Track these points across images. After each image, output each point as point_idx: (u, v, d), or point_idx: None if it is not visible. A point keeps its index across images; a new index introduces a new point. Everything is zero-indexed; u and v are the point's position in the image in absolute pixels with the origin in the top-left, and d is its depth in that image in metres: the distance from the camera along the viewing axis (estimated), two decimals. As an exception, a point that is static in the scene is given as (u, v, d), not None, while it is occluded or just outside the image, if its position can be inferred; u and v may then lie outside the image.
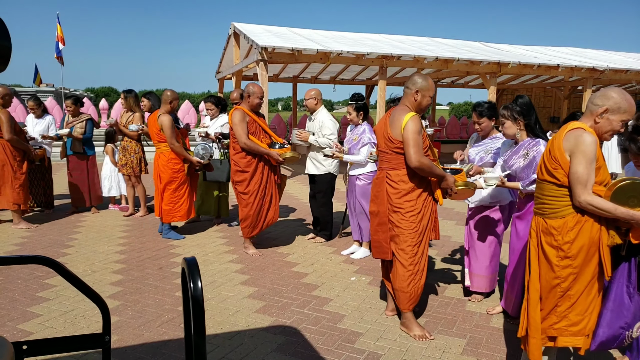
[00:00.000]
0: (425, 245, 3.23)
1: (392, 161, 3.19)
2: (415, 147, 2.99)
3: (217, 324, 3.36)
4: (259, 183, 4.78)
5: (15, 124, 5.78)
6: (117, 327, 3.29)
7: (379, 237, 3.32)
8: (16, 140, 5.69)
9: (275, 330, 3.29)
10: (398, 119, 3.09)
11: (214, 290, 3.99)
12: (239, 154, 4.73)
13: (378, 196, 3.30)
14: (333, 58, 9.34)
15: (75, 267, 4.47)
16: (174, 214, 5.41)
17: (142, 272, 4.40)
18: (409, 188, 3.15)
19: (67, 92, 23.79)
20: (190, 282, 1.08)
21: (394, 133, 3.12)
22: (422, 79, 3.15)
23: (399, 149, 3.11)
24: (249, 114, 4.71)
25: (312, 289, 4.06)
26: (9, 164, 5.73)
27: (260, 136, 4.81)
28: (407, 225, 3.16)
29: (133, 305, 3.65)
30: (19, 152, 5.80)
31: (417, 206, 3.16)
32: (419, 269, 3.21)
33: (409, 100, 3.17)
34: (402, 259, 3.20)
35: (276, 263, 4.72)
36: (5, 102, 5.71)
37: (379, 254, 3.36)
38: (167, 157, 5.32)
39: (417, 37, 13.65)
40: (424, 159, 3.02)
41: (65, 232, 5.74)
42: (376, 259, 4.76)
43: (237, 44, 11.32)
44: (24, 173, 5.85)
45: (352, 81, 16.91)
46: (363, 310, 3.63)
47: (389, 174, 3.22)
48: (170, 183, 5.35)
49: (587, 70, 11.05)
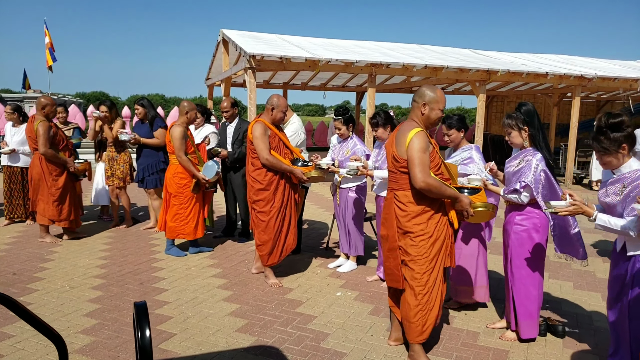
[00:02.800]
0: (438, 273, 2.94)
1: (400, 181, 2.97)
2: (421, 166, 2.77)
3: (196, 344, 3.25)
4: (281, 202, 4.35)
5: (55, 137, 5.52)
6: (93, 348, 3.17)
7: (390, 263, 3.05)
8: (52, 154, 5.42)
9: (256, 350, 3.18)
10: (403, 135, 2.88)
11: (195, 307, 3.88)
12: (259, 170, 4.31)
13: (387, 219, 3.05)
14: (322, 66, 9.27)
15: (53, 283, 4.34)
16: (179, 231, 5.18)
17: (122, 287, 4.28)
18: (418, 210, 2.90)
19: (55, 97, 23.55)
20: (139, 331, 0.99)
21: (399, 151, 2.90)
22: (431, 90, 2.94)
23: (404, 168, 2.89)
24: (270, 128, 4.33)
25: (297, 305, 3.96)
26: (44, 178, 5.51)
27: (283, 151, 4.41)
28: (416, 251, 2.90)
29: (111, 324, 3.53)
30: (56, 166, 5.56)
31: (428, 230, 2.90)
32: (429, 299, 2.92)
33: (416, 114, 2.96)
34: (411, 287, 2.94)
35: (260, 277, 4.61)
36: (47, 113, 5.47)
37: (391, 282, 3.08)
38: (174, 170, 5.13)
39: (406, 45, 13.64)
40: (430, 179, 2.77)
41: (46, 245, 5.59)
42: (364, 272, 4.73)
43: (226, 51, 11.23)
44: (59, 188, 5.57)
45: (342, 88, 16.87)
46: (348, 329, 3.53)
47: (397, 194, 2.98)
48: (175, 197, 5.13)
49: (575, 77, 11.08)
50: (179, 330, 3.46)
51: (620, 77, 11.45)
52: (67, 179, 5.66)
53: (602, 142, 2.62)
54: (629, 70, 13.11)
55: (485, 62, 11.37)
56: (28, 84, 22.05)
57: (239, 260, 5.15)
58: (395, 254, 3.00)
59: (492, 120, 17.64)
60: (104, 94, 60.38)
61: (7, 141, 6.46)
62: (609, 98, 16.48)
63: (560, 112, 16.08)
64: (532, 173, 3.08)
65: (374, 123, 4.35)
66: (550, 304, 4.11)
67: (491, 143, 14.00)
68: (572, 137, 11.42)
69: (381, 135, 4.37)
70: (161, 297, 4.08)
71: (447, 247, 2.98)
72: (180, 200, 5.14)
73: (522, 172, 3.14)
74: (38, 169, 5.52)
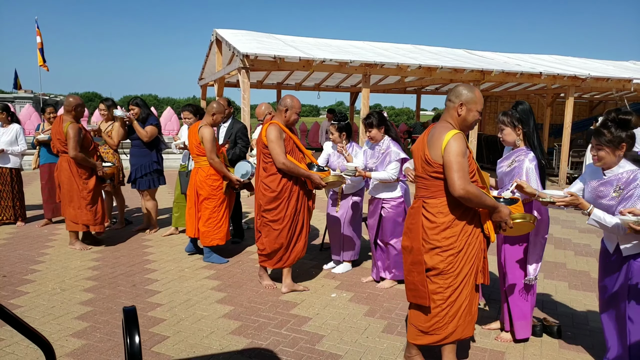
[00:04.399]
0: (465, 290, 2.70)
1: (430, 188, 2.71)
2: (460, 172, 2.52)
3: (189, 347, 3.20)
4: (294, 209, 4.10)
5: (85, 139, 5.32)
6: (84, 351, 3.11)
7: (413, 278, 2.78)
8: (82, 157, 5.20)
9: (250, 353, 3.14)
10: (438, 138, 2.64)
11: (188, 309, 3.83)
12: (272, 176, 4.04)
13: (412, 229, 2.79)
14: (316, 66, 9.24)
15: (44, 285, 4.27)
16: (213, 236, 4.95)
17: (114, 289, 4.22)
18: (449, 221, 2.66)
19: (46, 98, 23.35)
20: (127, 338, 0.95)
21: (433, 155, 2.66)
22: (468, 89, 2.70)
23: (438, 173, 2.65)
24: (285, 131, 4.06)
25: (291, 307, 3.92)
26: (75, 182, 5.29)
27: (298, 156, 4.15)
28: (443, 265, 2.66)
29: (102, 327, 3.48)
30: (85, 170, 5.34)
31: (457, 244, 2.65)
32: (448, 313, 2.71)
33: (452, 115, 2.72)
34: (432, 299, 2.72)
35: (254, 279, 4.57)
36: (77, 114, 5.24)
37: (415, 298, 2.79)
38: (206, 172, 4.89)
39: (401, 45, 13.63)
40: (470, 187, 2.54)
41: (37, 247, 5.51)
42: (359, 274, 4.70)
43: (220, 51, 11.16)
44: (90, 191, 5.34)
45: (336, 88, 16.85)
46: (343, 330, 3.50)
47: (426, 203, 2.73)
48: (209, 200, 4.91)
49: (569, 78, 11.12)
50: (172, 332, 3.41)
51: (613, 78, 11.51)
52: (96, 182, 5.45)
53: (604, 136, 2.60)
54: (622, 70, 13.18)
55: (479, 63, 11.39)
56: (19, 84, 21.89)
57: (232, 262, 5.10)
58: (420, 268, 2.73)
59: (486, 121, 17.68)
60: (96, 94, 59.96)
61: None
62: (602, 98, 16.56)
63: (554, 113, 16.15)
64: (524, 173, 3.06)
65: (368, 123, 4.30)
66: (545, 304, 4.09)
67: (485, 143, 14.03)
68: (565, 137, 11.45)
69: (375, 136, 4.31)
70: (154, 299, 4.02)
71: (480, 263, 2.73)
72: (213, 204, 4.92)
73: (514, 173, 3.12)
74: (67, 173, 5.28)
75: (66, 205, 5.37)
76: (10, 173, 6.41)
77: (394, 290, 4.35)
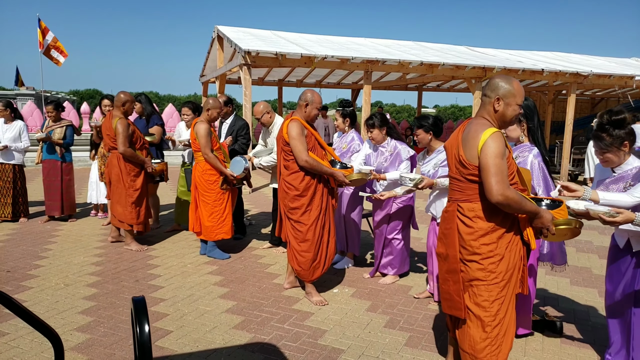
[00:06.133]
0: (510, 301, 2.50)
1: (465, 191, 2.49)
2: (499, 176, 2.28)
3: (193, 342, 3.22)
4: (319, 209, 3.90)
5: (134, 135, 5.23)
6: (88, 345, 3.14)
7: (449, 287, 2.59)
8: (130, 153, 5.13)
9: (253, 347, 3.16)
10: (474, 136, 2.40)
11: (191, 304, 3.85)
12: (295, 174, 3.87)
13: (448, 235, 2.58)
14: (317, 62, 9.24)
15: (48, 281, 4.29)
16: (217, 231, 4.96)
17: (117, 285, 4.24)
18: (487, 227, 2.43)
19: (48, 95, 23.39)
20: (137, 327, 0.96)
21: (468, 155, 2.42)
22: (506, 82, 2.43)
23: (473, 175, 2.42)
24: (306, 127, 3.90)
25: (293, 302, 3.94)
26: (122, 179, 5.23)
27: (320, 153, 3.99)
28: (484, 275, 2.44)
29: (106, 321, 3.50)
30: (134, 167, 5.27)
31: (498, 251, 2.43)
32: (499, 332, 2.47)
33: (488, 110, 2.47)
34: (477, 317, 2.48)
35: (257, 274, 4.59)
36: (127, 110, 5.17)
37: (450, 309, 2.61)
38: (202, 167, 4.93)
39: (402, 41, 13.62)
40: (509, 192, 2.29)
41: (40, 243, 5.54)
42: (361, 269, 4.72)
43: (221, 48, 11.16)
44: (137, 189, 5.26)
45: (338, 85, 16.84)
46: (345, 325, 3.52)
47: (461, 207, 2.51)
48: (206, 195, 4.93)
49: (571, 75, 11.11)
50: (175, 327, 3.43)
51: (615, 74, 11.49)
52: (144, 180, 5.37)
53: (604, 140, 2.61)
54: (625, 67, 13.16)
55: (481, 59, 11.38)
56: (21, 81, 21.89)
57: (235, 258, 5.12)
58: (456, 277, 2.53)
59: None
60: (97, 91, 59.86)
61: (-1, 138, 6.38)
62: (604, 95, 16.54)
63: (555, 110, 16.13)
64: (530, 168, 3.07)
65: (370, 124, 4.30)
66: (547, 300, 4.11)
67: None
68: (567, 134, 11.45)
69: (376, 137, 4.31)
70: (157, 294, 4.05)
71: (520, 271, 2.52)
72: (212, 198, 4.95)
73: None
74: (116, 170, 5.22)
75: (114, 203, 5.32)
76: (14, 169, 6.42)
77: (396, 286, 4.37)
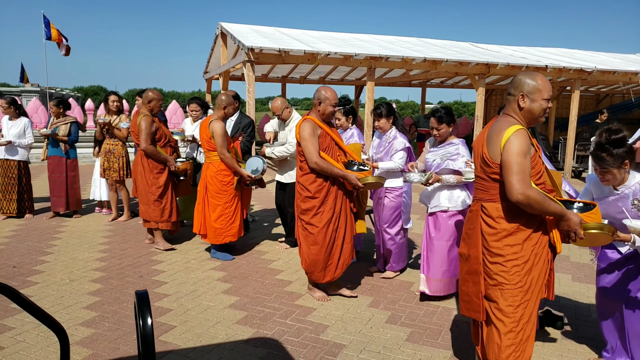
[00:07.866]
0: (534, 306, 2.41)
1: (490, 190, 2.41)
2: (520, 175, 2.21)
3: (196, 336, 3.26)
4: (332, 212, 3.76)
5: (158, 133, 5.14)
6: (93, 340, 3.18)
7: (468, 288, 2.52)
8: (152, 150, 5.02)
9: (256, 342, 3.20)
10: (497, 134, 2.33)
11: (194, 299, 3.89)
12: (307, 175, 3.75)
13: (471, 235, 2.52)
14: (320, 59, 9.26)
15: (53, 276, 4.34)
16: (225, 234, 4.85)
17: (121, 280, 4.29)
18: (511, 228, 2.35)
19: (52, 91, 23.49)
20: (140, 320, 0.99)
21: (491, 153, 2.35)
22: (530, 78, 2.36)
23: (497, 174, 2.35)
24: (321, 126, 3.75)
25: (296, 297, 3.98)
26: (144, 176, 5.13)
27: (335, 153, 3.84)
28: (508, 278, 2.35)
29: (110, 316, 3.54)
30: (158, 164, 5.15)
31: (523, 253, 2.34)
32: (522, 337, 2.39)
33: (513, 108, 2.39)
34: (500, 322, 2.39)
35: (260, 270, 4.63)
36: (153, 107, 5.06)
37: (468, 311, 2.55)
38: (216, 167, 4.79)
39: (406, 38, 13.61)
40: (530, 191, 2.21)
41: (45, 239, 5.59)
42: (363, 265, 4.75)
43: (225, 44, 11.19)
44: (160, 187, 5.13)
45: (341, 81, 16.84)
46: (347, 320, 3.55)
47: (485, 207, 2.43)
48: (219, 196, 4.81)
49: (575, 71, 11.08)
50: (178, 322, 3.47)
51: (620, 71, 11.45)
52: (168, 178, 5.24)
53: (605, 160, 2.58)
54: (629, 63, 13.10)
55: (484, 56, 11.36)
56: (26, 78, 21.98)
57: (238, 253, 5.16)
58: (477, 279, 2.46)
59: (492, 114, 17.62)
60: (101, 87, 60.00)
61: (4, 134, 6.43)
62: (608, 92, 16.48)
63: (560, 106, 16.09)
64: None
65: (377, 114, 4.33)
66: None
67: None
68: (571, 130, 11.42)
69: (383, 125, 4.35)
70: (161, 289, 4.09)
71: (545, 275, 2.43)
72: (224, 199, 4.83)
73: None
74: (140, 167, 5.14)
75: (139, 201, 5.28)
76: (18, 166, 6.48)
77: (397, 281, 4.40)
